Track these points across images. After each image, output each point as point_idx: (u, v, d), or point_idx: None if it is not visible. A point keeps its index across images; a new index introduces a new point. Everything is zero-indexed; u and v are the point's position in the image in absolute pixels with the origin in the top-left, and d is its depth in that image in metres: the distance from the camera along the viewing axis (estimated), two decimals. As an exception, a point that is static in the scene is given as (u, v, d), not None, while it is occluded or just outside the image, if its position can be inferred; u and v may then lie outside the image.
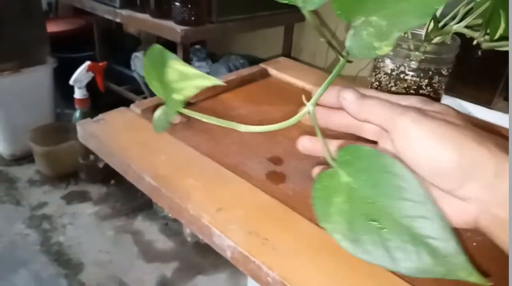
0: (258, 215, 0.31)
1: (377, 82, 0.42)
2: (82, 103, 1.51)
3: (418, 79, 0.39)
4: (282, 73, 0.57)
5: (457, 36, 0.40)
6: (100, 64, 1.52)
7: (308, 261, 0.28)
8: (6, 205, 1.48)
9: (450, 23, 0.37)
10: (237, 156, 0.39)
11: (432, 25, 0.38)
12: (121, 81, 1.78)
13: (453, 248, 0.25)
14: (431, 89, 0.40)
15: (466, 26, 0.37)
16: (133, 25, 1.95)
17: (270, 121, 0.31)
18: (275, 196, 0.33)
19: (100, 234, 1.39)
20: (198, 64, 1.69)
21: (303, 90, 0.53)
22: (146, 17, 1.31)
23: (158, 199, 0.35)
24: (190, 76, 0.28)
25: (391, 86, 0.40)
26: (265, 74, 0.57)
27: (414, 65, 0.39)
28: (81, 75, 1.46)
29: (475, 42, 0.36)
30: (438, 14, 0.37)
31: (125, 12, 1.37)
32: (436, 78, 0.39)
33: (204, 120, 0.29)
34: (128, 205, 1.51)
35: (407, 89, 0.40)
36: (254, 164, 0.38)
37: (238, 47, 1.88)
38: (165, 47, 0.29)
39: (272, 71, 0.57)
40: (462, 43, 0.39)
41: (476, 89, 0.96)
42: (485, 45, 0.35)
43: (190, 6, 1.19)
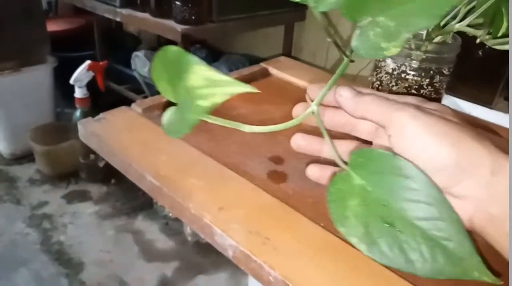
0: (260, 214, 0.32)
1: (378, 82, 0.42)
2: (82, 103, 1.51)
3: (419, 79, 0.39)
4: (282, 72, 0.57)
5: (457, 35, 0.40)
6: (100, 63, 1.52)
7: (309, 261, 0.28)
8: (6, 204, 1.48)
9: (451, 23, 0.37)
10: (238, 156, 0.39)
11: (433, 24, 0.38)
12: (121, 81, 1.78)
13: (468, 249, 0.25)
14: (432, 89, 0.40)
15: (468, 25, 0.37)
16: (133, 24, 1.94)
17: (271, 121, 0.31)
18: (276, 196, 0.33)
19: (100, 233, 1.39)
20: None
21: (304, 90, 0.53)
22: (146, 16, 1.31)
23: (159, 198, 0.35)
24: (219, 82, 0.26)
25: (392, 86, 0.40)
26: (265, 74, 0.57)
27: (415, 64, 0.39)
28: (81, 75, 1.46)
29: (478, 41, 0.36)
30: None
31: (125, 11, 1.37)
32: (437, 78, 0.39)
33: (209, 120, 0.28)
34: (128, 204, 1.51)
35: (408, 89, 0.40)
36: (256, 164, 0.38)
37: (238, 47, 1.88)
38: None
39: (272, 71, 0.57)
40: (462, 43, 0.39)
41: (476, 89, 0.96)
42: (490, 43, 0.35)
43: (190, 5, 1.19)
